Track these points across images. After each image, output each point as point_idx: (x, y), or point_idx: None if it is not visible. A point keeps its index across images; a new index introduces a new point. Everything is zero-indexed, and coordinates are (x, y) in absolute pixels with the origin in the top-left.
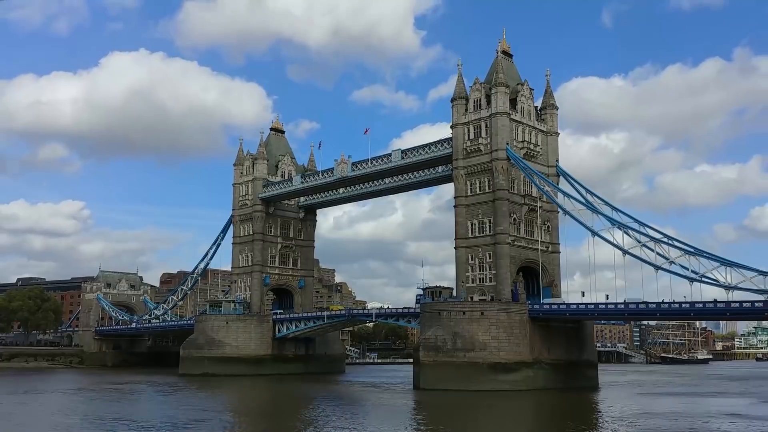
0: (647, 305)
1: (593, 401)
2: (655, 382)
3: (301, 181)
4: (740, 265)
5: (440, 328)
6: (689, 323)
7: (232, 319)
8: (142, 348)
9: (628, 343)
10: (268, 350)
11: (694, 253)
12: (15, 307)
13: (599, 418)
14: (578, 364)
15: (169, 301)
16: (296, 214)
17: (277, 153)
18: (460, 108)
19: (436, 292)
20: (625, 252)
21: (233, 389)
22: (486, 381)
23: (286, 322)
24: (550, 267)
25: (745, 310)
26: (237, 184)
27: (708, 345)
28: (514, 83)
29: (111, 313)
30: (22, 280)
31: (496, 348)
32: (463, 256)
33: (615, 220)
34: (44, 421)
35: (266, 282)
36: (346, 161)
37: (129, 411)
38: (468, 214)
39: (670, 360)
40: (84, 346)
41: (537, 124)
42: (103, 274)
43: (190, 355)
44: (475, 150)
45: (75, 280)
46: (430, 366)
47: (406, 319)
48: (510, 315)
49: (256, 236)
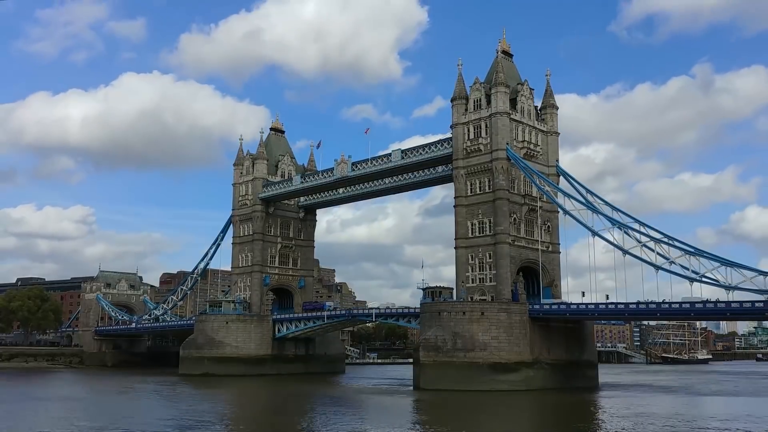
0: (647, 305)
1: (593, 401)
2: (655, 382)
3: (301, 181)
4: (740, 265)
5: (440, 328)
6: (689, 323)
7: (232, 319)
8: (142, 348)
9: (628, 344)
10: (268, 350)
11: (694, 253)
12: (15, 307)
13: (599, 419)
14: (578, 364)
15: (168, 301)
16: (296, 214)
17: (277, 153)
18: (460, 108)
19: (436, 293)
20: (625, 252)
21: (233, 389)
22: (486, 381)
23: (286, 322)
24: (550, 267)
25: (745, 310)
26: (237, 184)
27: (708, 345)
28: (514, 83)
29: (111, 313)
30: (21, 280)
31: (496, 348)
32: (463, 256)
33: (615, 220)
34: (44, 423)
35: (266, 282)
36: (346, 161)
37: (128, 411)
38: (468, 214)
39: (671, 360)
40: (84, 346)
41: (537, 124)
42: (103, 274)
43: (189, 355)
44: (475, 150)
45: (75, 280)
46: (430, 366)
47: (406, 319)
48: (510, 315)
49: (256, 236)
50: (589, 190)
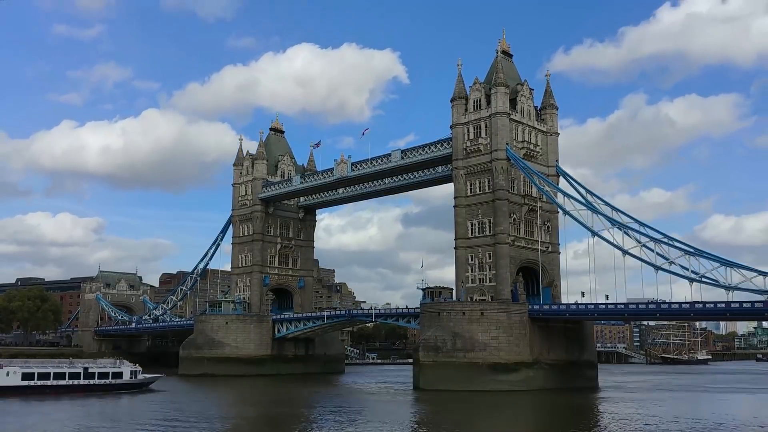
0: (647, 305)
1: (593, 401)
2: (655, 382)
3: (301, 181)
4: (740, 265)
5: (440, 328)
6: (689, 323)
7: (231, 320)
8: (142, 348)
9: (628, 344)
10: (267, 350)
11: (694, 253)
12: (15, 308)
13: (599, 419)
14: (578, 364)
15: (168, 302)
16: (296, 214)
17: (277, 153)
18: (460, 108)
19: (435, 293)
20: (625, 252)
21: (233, 390)
22: (486, 381)
23: (286, 323)
24: (550, 267)
25: (745, 311)
26: (236, 184)
27: (708, 345)
28: (514, 83)
29: (110, 313)
30: (21, 281)
31: (495, 348)
32: (463, 256)
33: (615, 220)
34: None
35: (266, 282)
36: (346, 161)
37: (128, 412)
38: (468, 214)
39: (671, 360)
40: (83, 347)
41: (537, 124)
42: (103, 275)
43: (189, 355)
44: (475, 150)
45: (74, 281)
46: (430, 366)
47: (406, 319)
48: (510, 315)
49: (256, 236)
50: (588, 190)
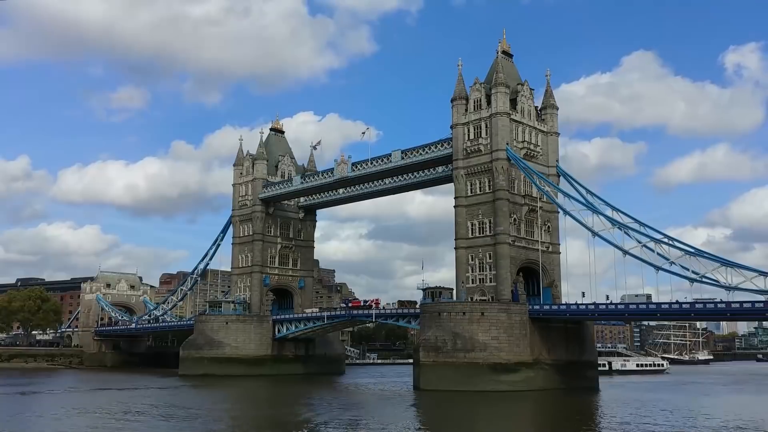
0: (647, 305)
1: (593, 402)
2: (655, 382)
3: (301, 181)
4: (740, 266)
5: (440, 328)
6: (690, 324)
7: (231, 320)
8: (142, 348)
9: (628, 344)
10: (267, 351)
11: (695, 253)
12: (15, 308)
13: (600, 419)
14: (578, 364)
15: (168, 302)
16: (296, 214)
17: (277, 153)
18: (460, 108)
19: (436, 293)
20: (625, 252)
21: (233, 390)
22: (486, 382)
23: (286, 323)
24: (550, 267)
25: (746, 311)
26: (237, 184)
27: (708, 345)
28: (514, 83)
29: (110, 313)
30: (21, 281)
31: (496, 348)
32: (463, 256)
33: (615, 220)
34: (43, 425)
35: (266, 282)
36: (346, 161)
37: (127, 412)
38: (468, 214)
39: (671, 361)
40: (83, 347)
41: (537, 124)
42: (103, 275)
43: (189, 355)
44: (475, 150)
45: (75, 281)
46: (430, 366)
47: (406, 319)
48: (510, 315)
49: (256, 236)
50: (589, 190)
